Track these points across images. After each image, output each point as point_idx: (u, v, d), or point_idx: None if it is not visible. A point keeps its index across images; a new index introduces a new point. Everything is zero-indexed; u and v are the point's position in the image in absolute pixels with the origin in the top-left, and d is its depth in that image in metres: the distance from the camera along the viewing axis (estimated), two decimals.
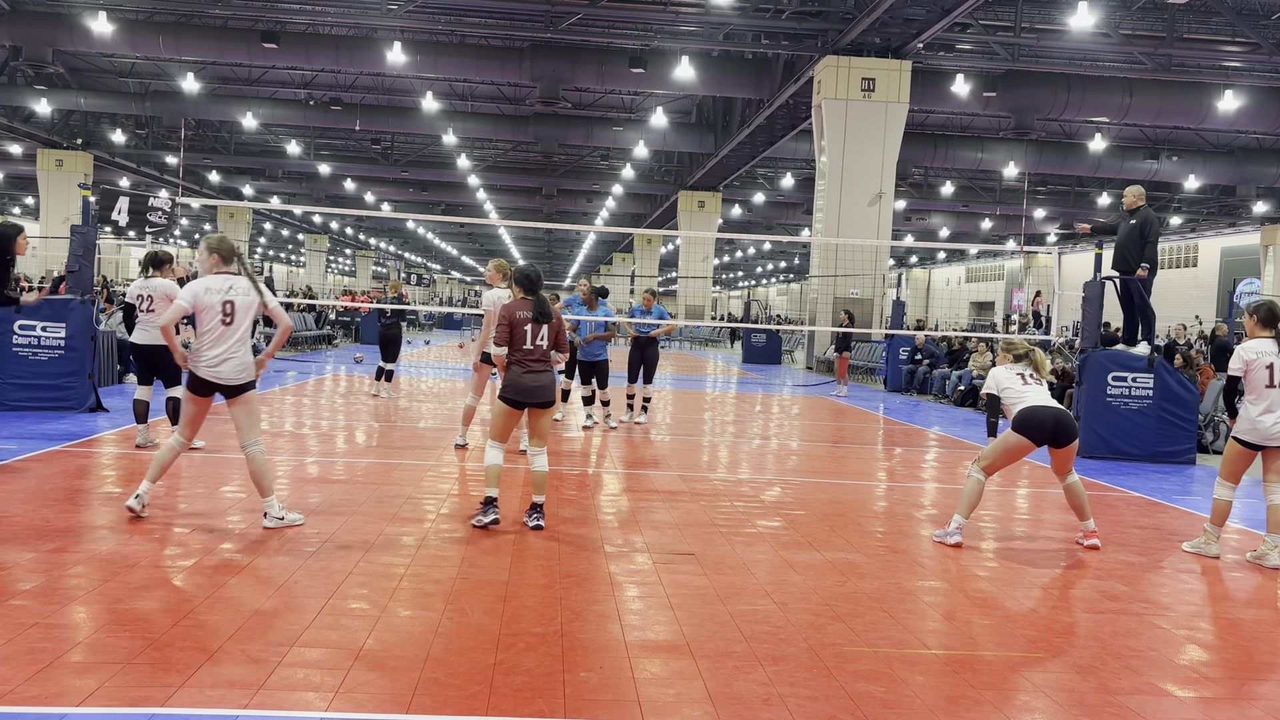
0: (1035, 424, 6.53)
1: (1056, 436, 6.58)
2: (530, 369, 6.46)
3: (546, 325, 6.50)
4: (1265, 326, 6.72)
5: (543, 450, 6.58)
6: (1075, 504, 6.84)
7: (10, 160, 42.53)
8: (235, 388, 6.13)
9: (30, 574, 5.01)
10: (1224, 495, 6.72)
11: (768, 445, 11.77)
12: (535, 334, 6.47)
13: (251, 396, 6.22)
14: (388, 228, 74.71)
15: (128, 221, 11.71)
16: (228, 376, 6.09)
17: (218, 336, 6.10)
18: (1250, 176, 33.88)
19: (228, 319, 6.11)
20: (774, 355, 32.10)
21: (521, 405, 6.50)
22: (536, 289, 6.60)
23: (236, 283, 6.18)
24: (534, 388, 6.46)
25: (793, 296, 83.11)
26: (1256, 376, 6.58)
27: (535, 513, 6.56)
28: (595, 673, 4.10)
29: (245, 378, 6.16)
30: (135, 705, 3.54)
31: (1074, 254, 43.73)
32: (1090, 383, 11.53)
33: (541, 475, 6.57)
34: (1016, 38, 22.77)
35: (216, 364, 6.09)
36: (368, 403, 13.95)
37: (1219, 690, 4.30)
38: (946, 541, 6.66)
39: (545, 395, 6.50)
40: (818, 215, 24.77)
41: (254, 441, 6.19)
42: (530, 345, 6.46)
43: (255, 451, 6.17)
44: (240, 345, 6.14)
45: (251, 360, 6.25)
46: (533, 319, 6.47)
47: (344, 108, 33.27)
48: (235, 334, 6.12)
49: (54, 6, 25.35)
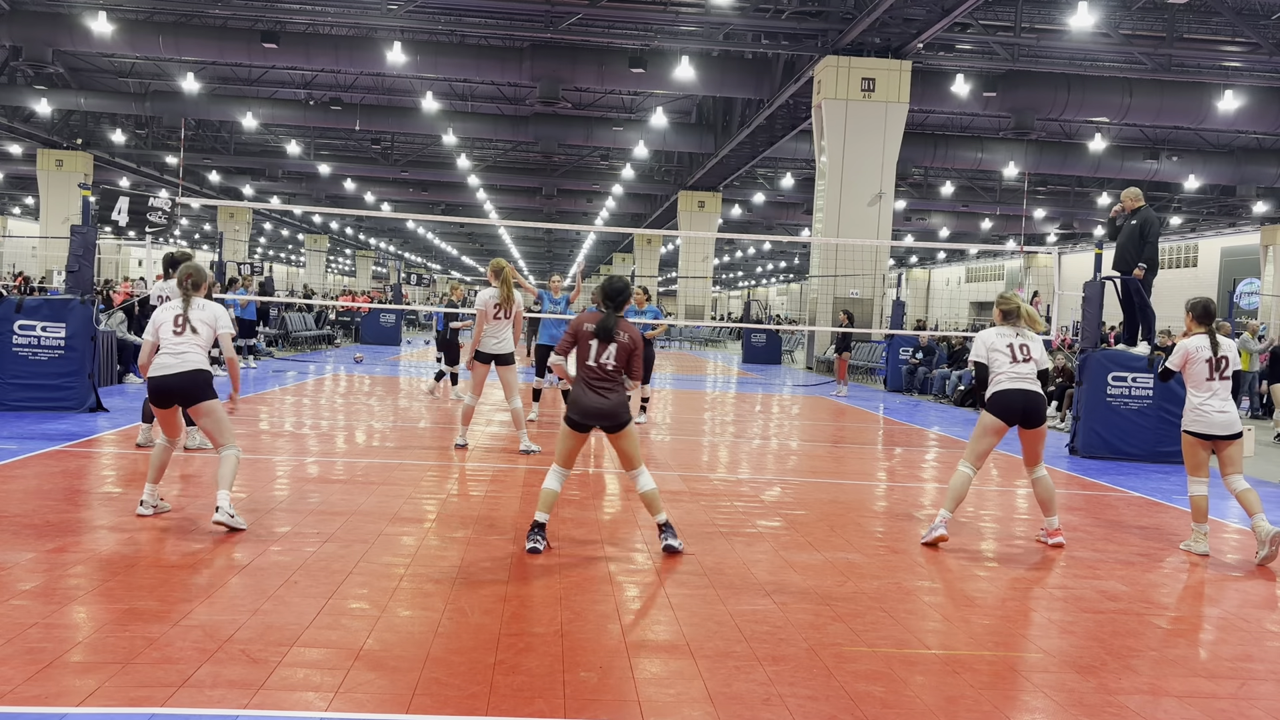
0: (1007, 405, 6.55)
1: (1027, 417, 6.60)
2: (592, 387, 5.91)
3: (614, 345, 5.90)
4: (1200, 323, 6.96)
5: (641, 469, 6.05)
6: (1043, 498, 6.83)
7: (10, 160, 42.54)
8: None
9: (30, 574, 5.01)
10: (1198, 491, 6.87)
11: (768, 445, 11.77)
12: (600, 352, 5.90)
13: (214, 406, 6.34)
14: (388, 228, 74.73)
15: (128, 221, 11.71)
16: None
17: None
18: (1250, 176, 33.89)
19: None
20: (774, 355, 32.10)
21: (583, 427, 5.96)
22: (609, 303, 6.00)
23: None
24: (595, 409, 5.88)
25: (793, 296, 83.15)
26: (1196, 370, 6.84)
27: (664, 532, 6.09)
28: (595, 673, 4.10)
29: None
30: (135, 705, 3.54)
31: (1074, 254, 43.73)
32: (1090, 383, 11.53)
33: (649, 494, 6.06)
34: (1016, 38, 22.77)
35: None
36: (368, 403, 13.96)
37: (1219, 690, 4.30)
38: (930, 537, 6.63)
39: (613, 418, 5.90)
40: (818, 215, 24.77)
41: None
42: (594, 362, 5.91)
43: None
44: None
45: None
46: (595, 334, 5.92)
47: (344, 108, 33.28)
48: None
49: (54, 6, 25.36)
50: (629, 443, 6.00)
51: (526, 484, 8.24)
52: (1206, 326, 6.93)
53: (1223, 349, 6.84)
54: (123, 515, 6.36)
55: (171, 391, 6.18)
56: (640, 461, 6.06)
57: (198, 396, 6.18)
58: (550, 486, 6.05)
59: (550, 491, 6.03)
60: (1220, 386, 6.82)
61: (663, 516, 6.11)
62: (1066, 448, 12.00)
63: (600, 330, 5.90)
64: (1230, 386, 6.87)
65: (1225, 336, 7.02)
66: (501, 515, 6.97)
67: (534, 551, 5.89)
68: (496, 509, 7.17)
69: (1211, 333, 6.90)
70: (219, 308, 6.51)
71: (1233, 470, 6.85)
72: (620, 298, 6.00)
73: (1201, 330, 6.95)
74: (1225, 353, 6.83)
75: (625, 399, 5.96)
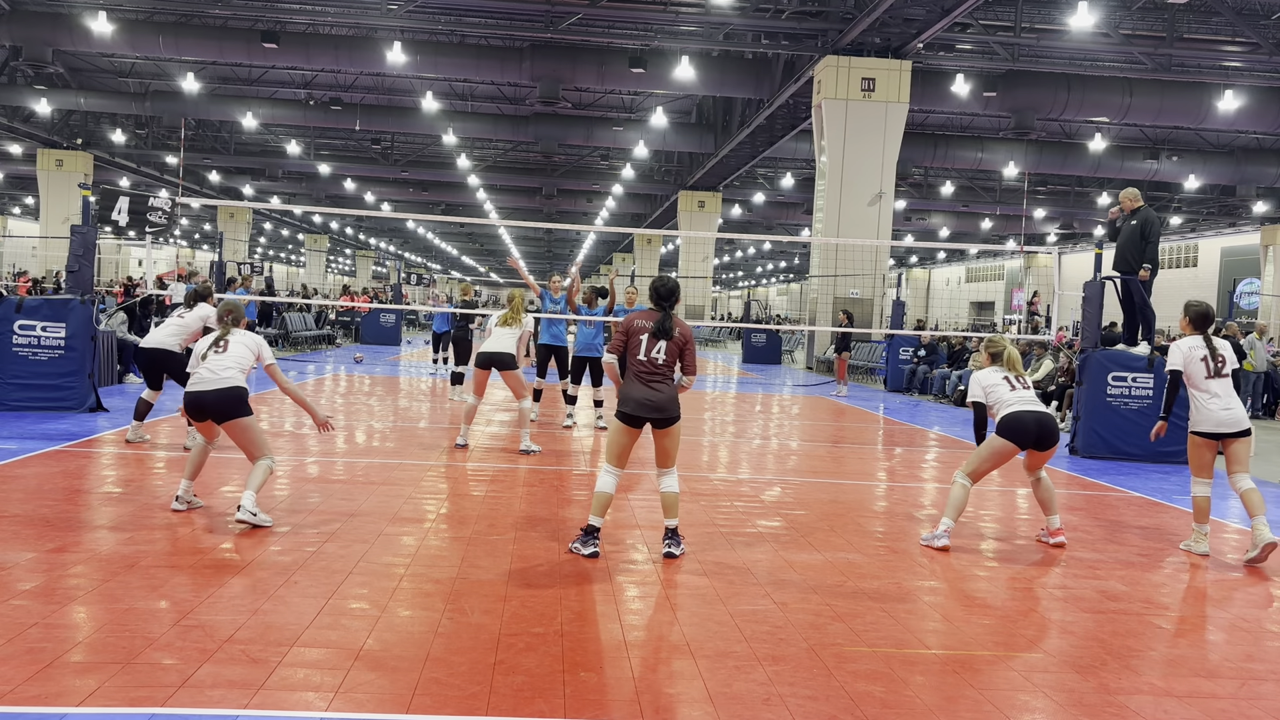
0: (1020, 428, 6.59)
1: (1040, 441, 6.66)
2: (645, 380, 5.95)
3: (667, 341, 5.98)
4: (1196, 327, 7.11)
5: (672, 470, 6.10)
6: (1044, 499, 6.91)
7: (10, 160, 42.54)
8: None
9: (30, 574, 5.01)
10: (1201, 492, 6.95)
11: (768, 445, 11.77)
12: (651, 347, 5.96)
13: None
14: (388, 228, 74.72)
15: (128, 221, 11.71)
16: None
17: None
18: (1250, 176, 33.88)
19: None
20: (774, 355, 32.10)
21: (637, 421, 5.96)
22: (663, 303, 6.08)
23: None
24: (648, 401, 5.92)
25: (793, 296, 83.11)
26: (1194, 370, 6.94)
27: (669, 539, 6.07)
28: (595, 673, 4.10)
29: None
30: (135, 705, 3.54)
31: (1074, 254, 43.73)
32: (1090, 383, 11.52)
33: (671, 497, 6.07)
34: (1016, 38, 22.77)
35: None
36: (369, 403, 13.95)
37: (1219, 690, 4.30)
38: (934, 545, 6.63)
39: (664, 411, 5.95)
40: (818, 215, 24.77)
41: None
42: (645, 357, 5.97)
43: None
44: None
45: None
46: (651, 332, 5.98)
47: (344, 108, 33.27)
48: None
49: (54, 6, 25.36)
50: (673, 441, 6.06)
51: (527, 484, 8.24)
52: (1202, 331, 7.06)
53: (1219, 348, 6.96)
54: (123, 515, 6.36)
55: (206, 406, 6.32)
56: (674, 461, 6.10)
57: (231, 413, 6.30)
58: (603, 489, 6.01)
59: (603, 494, 6.01)
60: (1220, 385, 6.89)
61: (674, 522, 6.09)
62: (1066, 448, 11.99)
63: (657, 329, 5.98)
64: (1231, 384, 6.95)
65: (1230, 337, 7.10)
66: (502, 515, 6.97)
67: (592, 556, 5.92)
68: (497, 509, 7.17)
69: (1206, 334, 7.03)
70: (260, 340, 6.69)
71: (1239, 468, 6.88)
72: (673, 297, 6.10)
73: (1196, 333, 7.07)
74: (1222, 352, 6.95)
75: (675, 394, 6.04)
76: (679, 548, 6.08)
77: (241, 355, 6.51)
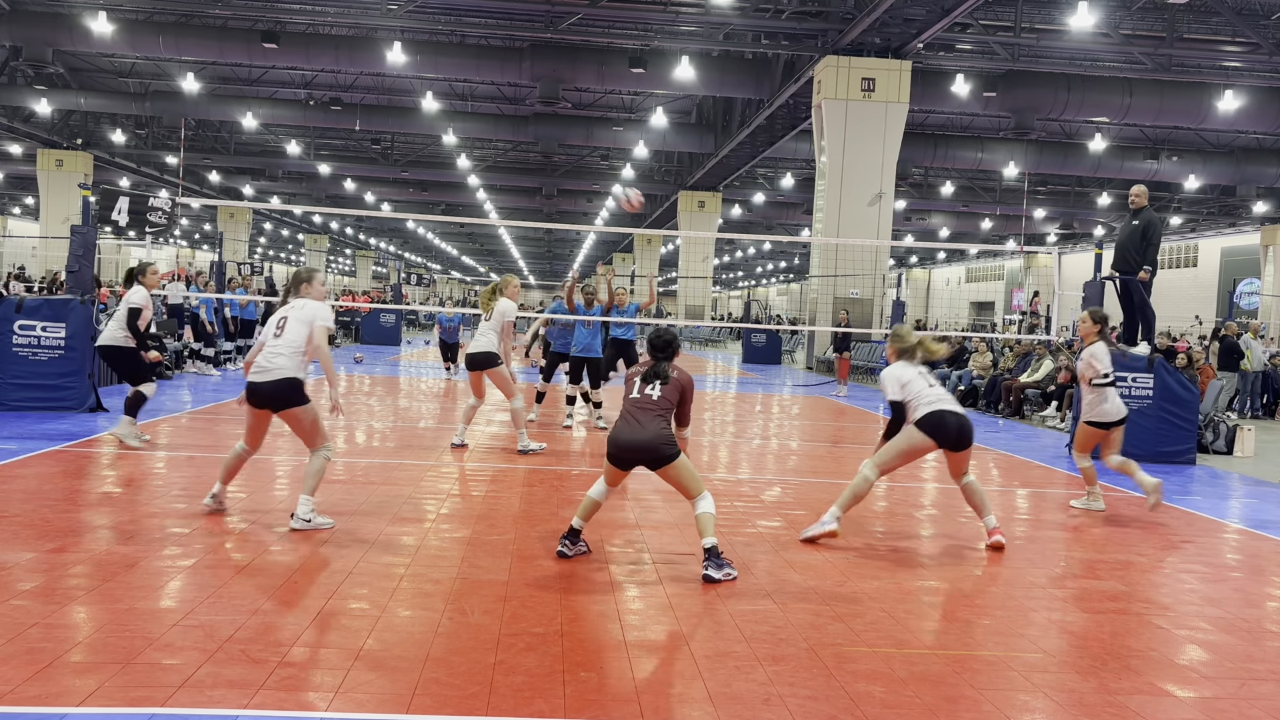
0: (942, 427, 6.48)
1: (959, 441, 6.57)
2: (632, 416, 5.63)
3: (662, 384, 5.66)
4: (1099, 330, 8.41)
5: (702, 497, 5.63)
6: (975, 503, 6.79)
7: (10, 160, 42.54)
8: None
9: (30, 574, 5.01)
10: (1086, 464, 8.35)
11: (768, 445, 11.77)
12: (644, 387, 5.68)
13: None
14: (388, 228, 74.72)
15: (128, 221, 11.71)
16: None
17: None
18: (1250, 176, 33.89)
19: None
20: (774, 355, 32.09)
21: (621, 462, 5.65)
22: (658, 354, 5.79)
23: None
24: (632, 442, 5.56)
25: (793, 296, 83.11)
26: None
27: (705, 559, 5.54)
28: (595, 673, 4.10)
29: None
30: (135, 705, 3.54)
31: (1074, 254, 43.73)
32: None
33: (702, 518, 5.60)
34: (1016, 38, 22.78)
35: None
36: (368, 403, 13.95)
37: (1219, 690, 4.30)
38: (820, 531, 6.49)
39: (650, 452, 5.55)
40: (818, 215, 24.77)
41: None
42: (637, 394, 5.67)
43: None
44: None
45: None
46: (644, 376, 5.73)
47: (344, 108, 33.28)
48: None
49: (54, 6, 25.36)
50: (678, 475, 5.63)
51: (527, 484, 8.24)
52: (1104, 336, 8.39)
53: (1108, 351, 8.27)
54: (123, 515, 6.36)
55: (260, 398, 6.21)
56: (699, 490, 5.64)
57: (287, 402, 6.19)
58: (590, 495, 5.88)
59: (588, 500, 5.88)
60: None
61: (709, 541, 5.55)
62: (1066, 448, 11.99)
63: (650, 373, 5.72)
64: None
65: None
66: (502, 515, 6.97)
67: (561, 555, 5.83)
68: (496, 509, 7.18)
69: (1105, 337, 8.38)
70: (319, 305, 6.40)
71: (1115, 450, 8.19)
72: (669, 349, 5.81)
73: (1100, 338, 8.34)
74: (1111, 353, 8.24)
75: (665, 431, 5.60)
76: (720, 570, 5.50)
77: (296, 337, 6.24)
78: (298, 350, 6.22)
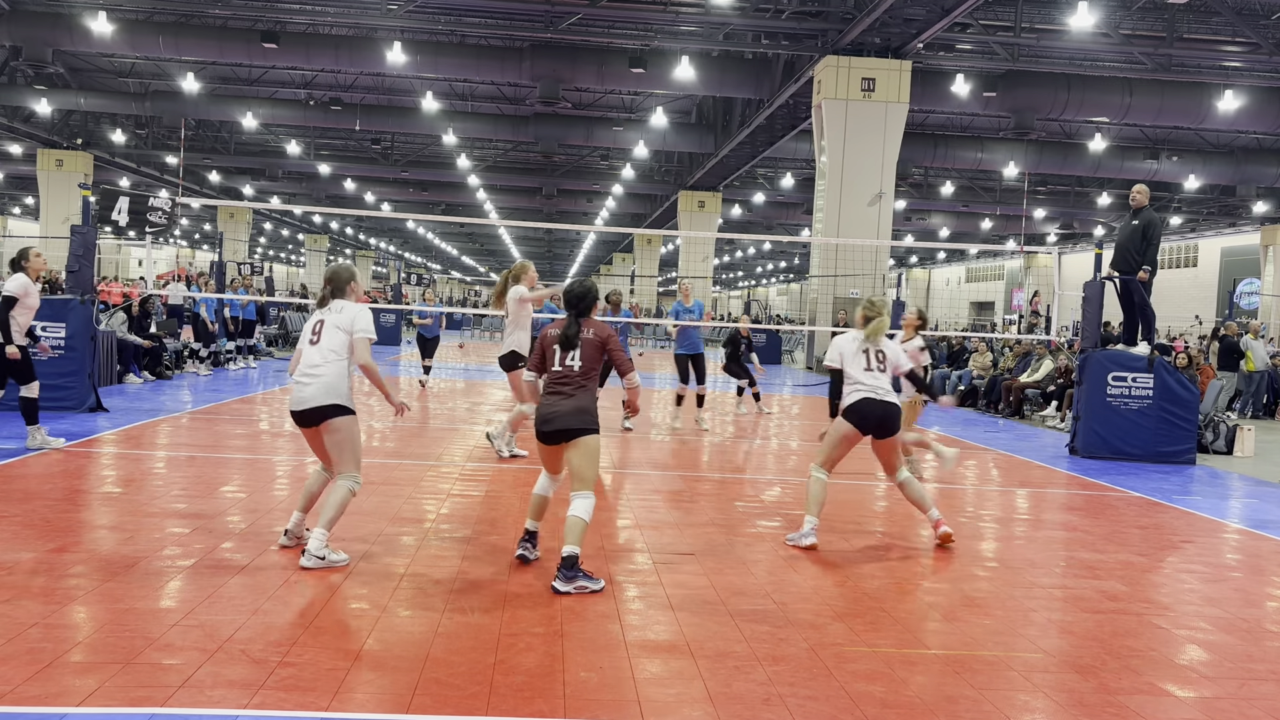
0: (864, 414, 6.48)
1: (880, 428, 6.54)
2: (552, 389, 5.41)
3: (576, 349, 5.41)
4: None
5: (581, 494, 5.28)
6: (915, 500, 6.77)
7: (10, 160, 42.53)
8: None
9: (30, 574, 5.01)
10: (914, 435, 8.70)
11: (768, 445, 11.77)
12: (565, 356, 5.42)
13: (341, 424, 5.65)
14: (388, 228, 74.70)
15: (128, 221, 11.71)
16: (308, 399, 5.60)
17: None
18: (1250, 176, 33.87)
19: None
20: (774, 355, 32.08)
21: (544, 437, 5.41)
22: (572, 309, 5.53)
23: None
24: (545, 414, 5.35)
25: (793, 296, 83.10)
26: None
27: (560, 569, 5.18)
28: (595, 673, 4.10)
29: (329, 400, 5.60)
30: (135, 705, 3.54)
31: (1074, 254, 43.73)
32: (1090, 383, 11.52)
33: (570, 521, 5.23)
34: (1016, 38, 22.76)
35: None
36: (368, 403, 13.94)
37: (1219, 690, 4.30)
38: (800, 544, 6.44)
39: (556, 423, 5.30)
40: (818, 215, 24.76)
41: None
42: (559, 366, 5.42)
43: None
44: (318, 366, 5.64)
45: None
46: (560, 342, 5.46)
47: (344, 108, 33.26)
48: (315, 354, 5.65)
49: (54, 6, 25.34)
50: (580, 456, 5.29)
51: (527, 484, 8.23)
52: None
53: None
54: (123, 515, 6.36)
55: (304, 419, 5.65)
56: (586, 486, 5.28)
57: (326, 415, 5.57)
58: (535, 491, 5.71)
59: (535, 497, 5.69)
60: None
61: (570, 550, 5.17)
62: (1066, 448, 12.00)
63: (562, 337, 5.44)
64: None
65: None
66: (501, 515, 6.97)
67: (522, 560, 5.69)
68: (496, 509, 7.18)
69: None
70: (358, 310, 5.70)
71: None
72: (583, 303, 5.51)
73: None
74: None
75: (585, 405, 5.34)
76: (571, 584, 5.13)
77: (335, 344, 5.60)
78: (338, 358, 5.60)
